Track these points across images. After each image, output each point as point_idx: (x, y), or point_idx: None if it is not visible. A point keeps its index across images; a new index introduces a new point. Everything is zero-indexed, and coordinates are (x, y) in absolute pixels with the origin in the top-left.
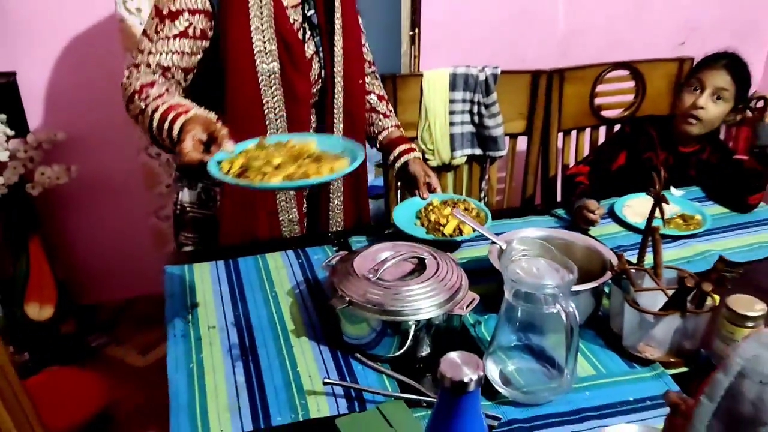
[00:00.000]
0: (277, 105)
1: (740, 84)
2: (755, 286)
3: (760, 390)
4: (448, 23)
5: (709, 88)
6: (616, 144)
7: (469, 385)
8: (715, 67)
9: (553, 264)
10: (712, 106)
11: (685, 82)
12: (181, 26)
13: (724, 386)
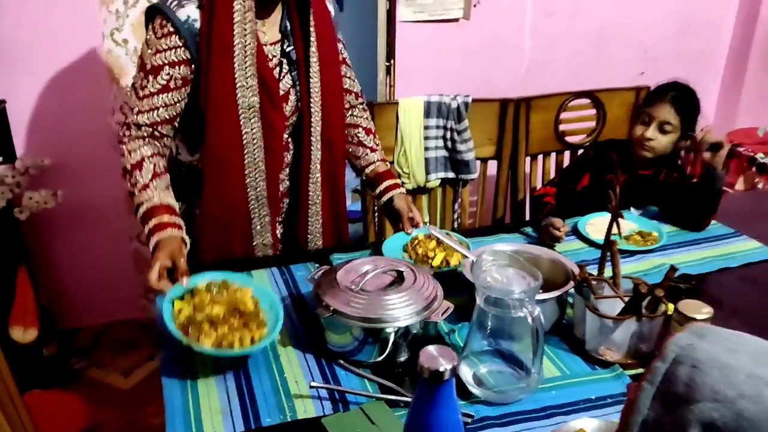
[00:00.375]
0: (255, 136)
1: (685, 116)
2: (707, 296)
3: (692, 372)
4: (422, 55)
5: (656, 121)
6: (580, 166)
7: (444, 374)
8: (661, 101)
9: (520, 272)
10: (660, 137)
11: (638, 113)
12: (163, 81)
13: (662, 372)
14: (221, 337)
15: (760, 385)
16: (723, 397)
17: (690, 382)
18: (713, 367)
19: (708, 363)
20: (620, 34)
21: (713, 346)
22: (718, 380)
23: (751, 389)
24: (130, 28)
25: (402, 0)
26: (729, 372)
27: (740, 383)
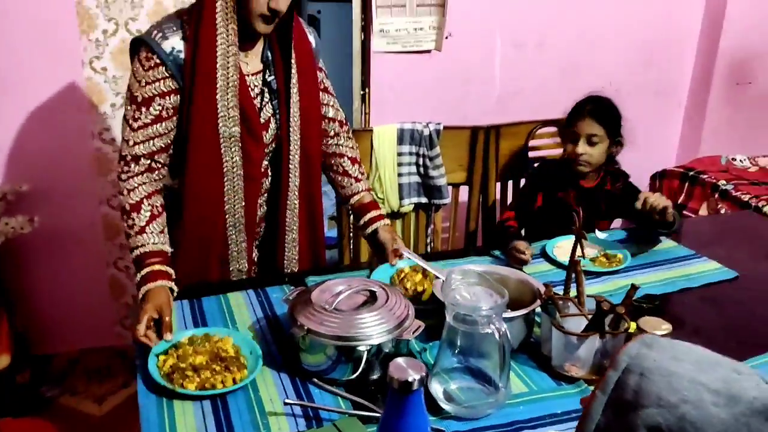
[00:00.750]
0: (235, 165)
1: (607, 123)
2: (669, 315)
3: (640, 380)
4: (396, 84)
5: (582, 137)
6: (531, 187)
7: (413, 384)
8: (581, 117)
9: (488, 290)
10: (590, 149)
11: (564, 133)
12: (156, 111)
13: (613, 381)
14: (204, 381)
15: (701, 390)
16: (666, 403)
17: (638, 389)
18: (659, 374)
19: (654, 371)
20: (586, 66)
21: (660, 355)
22: (662, 387)
23: (693, 395)
24: (110, 57)
25: (376, 32)
26: (672, 379)
27: (683, 389)
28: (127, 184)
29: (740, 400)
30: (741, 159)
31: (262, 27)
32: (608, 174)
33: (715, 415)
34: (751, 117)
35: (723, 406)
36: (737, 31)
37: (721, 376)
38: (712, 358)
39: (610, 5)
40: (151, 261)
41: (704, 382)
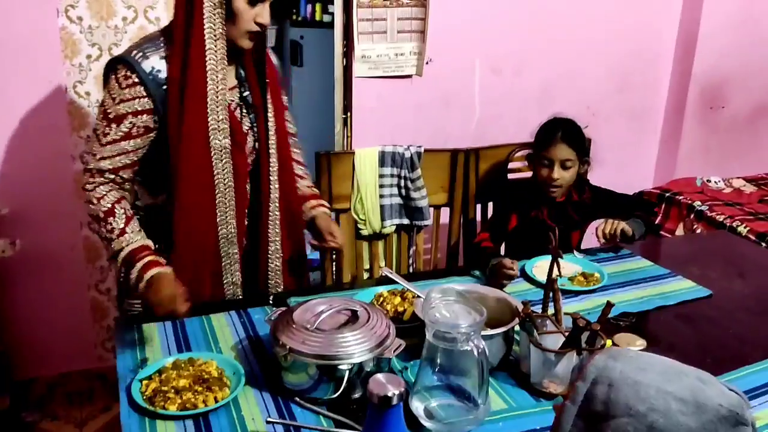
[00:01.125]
0: (226, 176)
1: (578, 147)
2: (646, 332)
3: (609, 391)
4: (377, 108)
5: (557, 162)
6: (504, 209)
7: (392, 399)
8: (555, 143)
9: (466, 308)
10: (564, 173)
11: (535, 157)
12: (126, 128)
13: (582, 391)
14: (185, 401)
15: (669, 399)
16: (635, 412)
17: (607, 399)
18: (626, 384)
19: (621, 381)
20: (563, 91)
21: (626, 366)
22: (630, 396)
23: (661, 403)
24: (93, 81)
25: (358, 57)
26: (640, 388)
27: (650, 398)
28: (95, 192)
29: (707, 408)
30: (715, 180)
31: (247, 43)
32: (575, 188)
33: (683, 424)
34: (724, 140)
35: (690, 415)
36: (709, 57)
37: (686, 385)
38: (677, 368)
39: (585, 32)
40: (141, 255)
41: (671, 391)
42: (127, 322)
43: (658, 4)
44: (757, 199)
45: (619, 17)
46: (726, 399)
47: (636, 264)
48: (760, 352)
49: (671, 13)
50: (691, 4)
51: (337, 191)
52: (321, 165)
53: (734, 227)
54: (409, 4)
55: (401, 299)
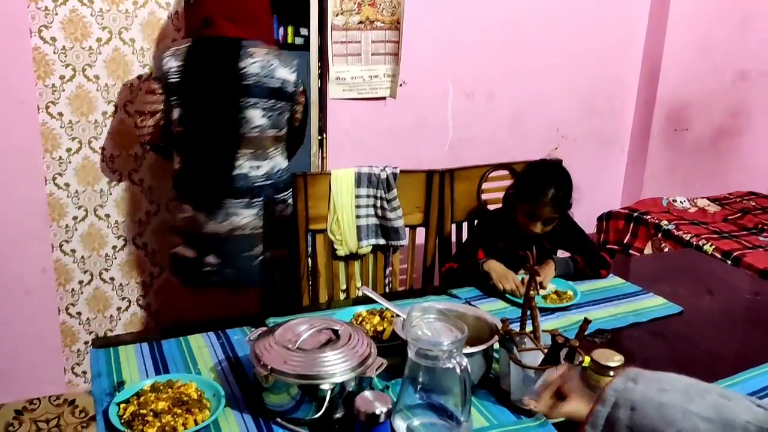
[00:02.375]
0: None
1: (563, 207)
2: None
3: (632, 414)
4: (352, 130)
5: (540, 219)
6: (472, 243)
7: (380, 417)
8: (544, 204)
9: (448, 326)
10: (546, 228)
11: (520, 204)
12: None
13: (603, 416)
14: (165, 425)
15: (695, 419)
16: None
17: (631, 424)
18: (650, 407)
19: (644, 403)
20: (534, 114)
21: (646, 387)
22: (655, 420)
23: (688, 425)
24: (66, 102)
25: (332, 79)
26: (665, 411)
27: (677, 420)
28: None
29: (734, 426)
30: (681, 200)
31: None
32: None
33: None
34: (688, 161)
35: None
36: (673, 82)
37: (711, 403)
38: (698, 386)
39: (555, 58)
40: None
41: (696, 411)
42: (102, 344)
43: (624, 33)
44: (721, 219)
45: (588, 44)
46: (753, 415)
47: (608, 282)
48: (731, 366)
49: (636, 41)
50: (655, 32)
51: (314, 212)
52: (297, 186)
53: (700, 245)
54: (383, 27)
55: (380, 318)
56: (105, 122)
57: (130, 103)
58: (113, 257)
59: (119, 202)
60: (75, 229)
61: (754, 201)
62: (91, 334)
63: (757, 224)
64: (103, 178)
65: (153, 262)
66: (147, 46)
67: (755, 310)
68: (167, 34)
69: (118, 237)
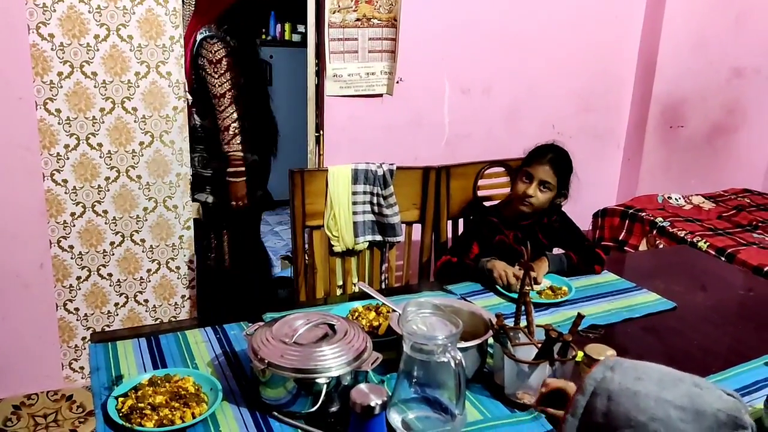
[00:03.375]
0: None
1: (561, 176)
2: (614, 344)
3: (608, 403)
4: (349, 127)
5: (536, 180)
6: (466, 238)
7: (375, 408)
8: (541, 162)
9: (443, 321)
10: (540, 194)
11: (519, 171)
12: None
13: (582, 404)
14: (162, 418)
15: (668, 408)
16: (636, 423)
17: (607, 411)
18: (625, 396)
19: (620, 393)
20: (530, 111)
21: (623, 377)
22: (630, 408)
23: (661, 413)
24: (64, 98)
25: (329, 76)
26: (639, 399)
27: (650, 408)
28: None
29: (706, 415)
30: (676, 197)
31: None
32: (547, 215)
33: (683, 430)
34: (683, 158)
35: (690, 422)
36: (668, 79)
37: (683, 392)
38: (672, 375)
39: (551, 54)
40: None
41: (669, 399)
42: (101, 339)
43: (620, 29)
44: (716, 216)
45: (583, 41)
46: (724, 404)
47: (603, 278)
48: (723, 362)
49: (632, 38)
50: (651, 29)
51: (311, 208)
52: (295, 182)
53: (695, 242)
54: (380, 24)
55: (376, 314)
56: (103, 119)
57: (128, 100)
58: (111, 253)
59: (117, 198)
60: (73, 225)
61: (748, 198)
62: (88, 330)
63: (751, 221)
64: (100, 174)
65: (150, 258)
66: (145, 42)
67: (748, 306)
68: (163, 29)
69: (116, 233)
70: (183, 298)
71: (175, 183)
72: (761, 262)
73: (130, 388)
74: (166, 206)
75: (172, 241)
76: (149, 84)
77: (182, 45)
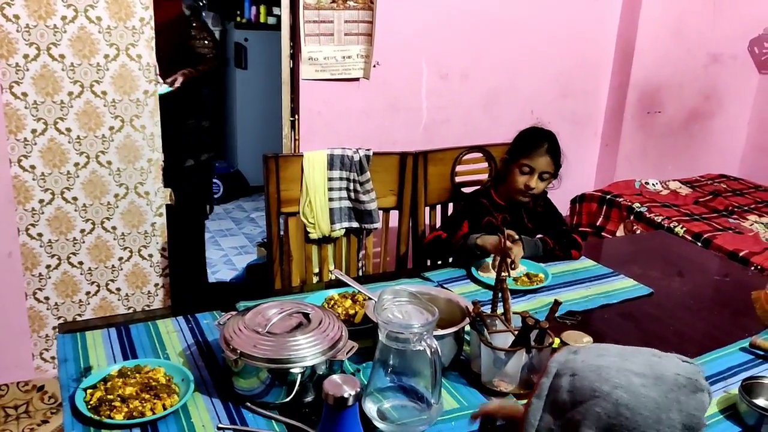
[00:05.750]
0: None
1: (558, 163)
2: (591, 329)
3: (572, 380)
4: (325, 111)
5: (537, 172)
6: (457, 217)
7: (348, 400)
8: (539, 153)
9: (418, 309)
10: (541, 184)
11: (516, 163)
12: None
13: (546, 386)
14: (132, 410)
15: (629, 375)
16: (600, 392)
17: (572, 388)
18: (588, 370)
19: (583, 368)
20: (508, 96)
21: (586, 355)
22: (593, 380)
23: (623, 380)
24: (31, 82)
25: (305, 59)
26: (601, 371)
27: (612, 378)
28: None
29: (666, 379)
30: (653, 183)
31: None
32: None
33: (646, 395)
34: (661, 144)
35: (651, 386)
36: (646, 65)
37: (643, 361)
38: (631, 349)
39: (530, 39)
40: None
41: (630, 368)
42: (69, 329)
43: (598, 15)
44: (692, 201)
45: (562, 26)
46: (682, 369)
47: (580, 264)
48: (700, 347)
49: (610, 24)
50: (629, 15)
51: (286, 194)
52: (269, 167)
53: (671, 228)
54: (356, 6)
55: (352, 302)
56: (71, 103)
57: (97, 83)
58: (81, 241)
59: (86, 184)
60: (42, 213)
61: (725, 183)
62: (59, 320)
63: (727, 206)
64: (69, 160)
65: (122, 246)
66: (114, 24)
67: (724, 291)
68: (133, 10)
69: (86, 220)
70: (156, 286)
71: (147, 169)
72: (737, 247)
73: (99, 379)
74: (138, 193)
75: (144, 228)
76: (119, 67)
77: (152, 27)
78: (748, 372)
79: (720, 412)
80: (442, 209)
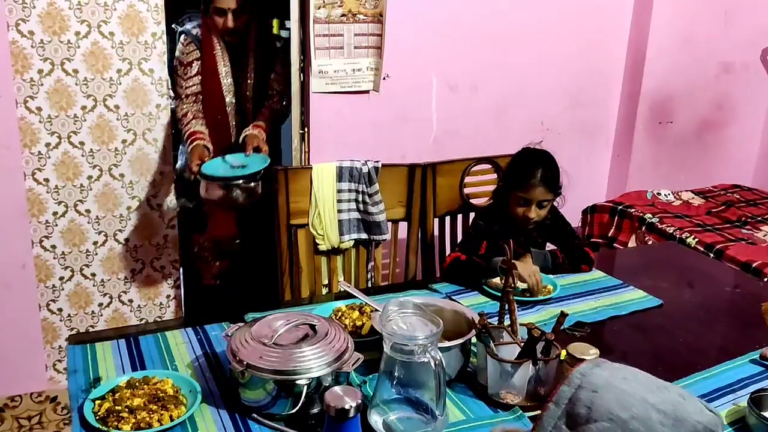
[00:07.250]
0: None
1: (555, 188)
2: (599, 342)
3: (593, 396)
4: (335, 124)
5: (534, 202)
6: (477, 237)
7: (350, 411)
8: (534, 185)
9: (423, 320)
10: (541, 212)
11: (509, 193)
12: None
13: (567, 395)
14: (140, 421)
15: (650, 409)
16: (617, 418)
17: (590, 404)
18: (610, 391)
19: (606, 388)
20: (518, 107)
21: (611, 375)
22: (613, 403)
23: (642, 413)
24: (45, 96)
25: (315, 72)
26: (623, 397)
27: (633, 407)
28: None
29: (685, 424)
30: (665, 193)
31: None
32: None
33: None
34: (673, 154)
35: (669, 427)
36: (657, 75)
37: (668, 398)
38: (658, 382)
39: (539, 50)
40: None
41: (653, 402)
42: (79, 340)
43: (609, 25)
44: (705, 212)
45: (572, 37)
46: (704, 417)
47: (589, 275)
48: (709, 359)
49: (621, 34)
50: (639, 25)
51: (295, 206)
52: (279, 180)
53: (683, 239)
54: (366, 20)
55: (359, 313)
56: (84, 117)
57: (110, 97)
58: (94, 253)
59: (99, 197)
60: (55, 225)
61: (738, 194)
62: (72, 331)
63: (740, 217)
64: (83, 173)
65: (134, 257)
66: (126, 39)
67: (735, 303)
68: (145, 25)
69: (99, 233)
70: (168, 297)
71: (159, 181)
72: (750, 258)
73: (107, 390)
74: (150, 205)
75: (156, 240)
76: (131, 81)
77: (164, 42)
78: (757, 384)
79: (729, 425)
80: (451, 220)
